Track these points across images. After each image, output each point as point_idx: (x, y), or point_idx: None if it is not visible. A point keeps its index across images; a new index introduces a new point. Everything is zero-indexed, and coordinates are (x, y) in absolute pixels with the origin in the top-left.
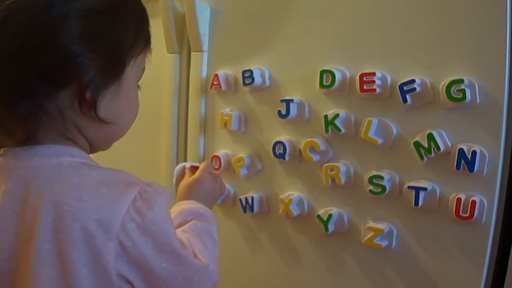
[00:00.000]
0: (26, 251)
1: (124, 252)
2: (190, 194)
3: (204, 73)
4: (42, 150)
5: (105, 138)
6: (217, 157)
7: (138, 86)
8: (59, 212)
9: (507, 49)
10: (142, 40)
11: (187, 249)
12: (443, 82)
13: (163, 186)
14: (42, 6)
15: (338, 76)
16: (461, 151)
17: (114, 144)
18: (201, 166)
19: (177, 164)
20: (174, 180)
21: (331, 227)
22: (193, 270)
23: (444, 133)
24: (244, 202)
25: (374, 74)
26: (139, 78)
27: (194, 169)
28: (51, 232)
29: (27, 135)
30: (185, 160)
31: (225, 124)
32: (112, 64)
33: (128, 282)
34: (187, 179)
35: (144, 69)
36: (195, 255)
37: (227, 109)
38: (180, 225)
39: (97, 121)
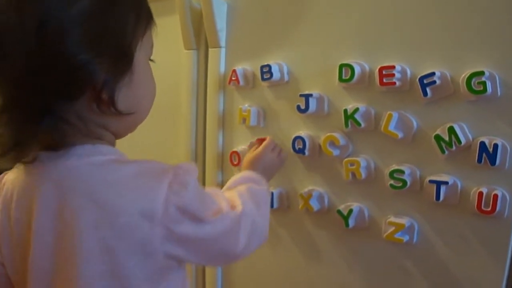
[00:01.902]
0: (68, 250)
1: (170, 235)
2: (250, 166)
3: (222, 69)
4: (74, 152)
5: (128, 126)
6: (236, 153)
7: (151, 60)
8: (101, 211)
9: None
10: (144, 20)
11: (222, 204)
12: (463, 75)
13: (190, 163)
14: (35, 22)
15: (357, 70)
16: (482, 144)
17: (133, 140)
18: (264, 142)
19: (196, 161)
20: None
21: (351, 222)
22: (230, 223)
23: (465, 126)
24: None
25: (393, 67)
26: (150, 55)
27: (260, 141)
28: (95, 230)
29: (55, 143)
30: (204, 156)
31: (244, 120)
32: (120, 59)
33: (174, 258)
34: (251, 153)
35: (152, 44)
36: (232, 204)
37: (246, 105)
38: (234, 187)
39: (118, 115)
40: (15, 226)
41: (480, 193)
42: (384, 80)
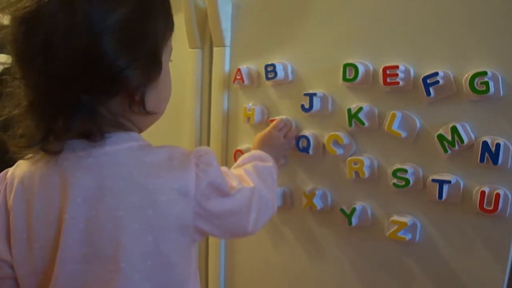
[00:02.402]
0: (112, 233)
1: (201, 209)
2: (257, 145)
3: (227, 68)
4: (110, 139)
5: (149, 123)
6: (240, 151)
7: (170, 60)
8: (143, 191)
9: None
10: (170, 26)
11: (243, 183)
12: (466, 75)
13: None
14: (84, 26)
15: (361, 69)
16: (485, 143)
17: None
18: (272, 123)
19: None
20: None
21: (354, 221)
22: (247, 194)
23: (467, 126)
24: None
25: (397, 67)
26: (170, 57)
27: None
28: (138, 210)
29: (88, 132)
30: None
31: (248, 119)
32: (152, 65)
33: (201, 232)
34: (261, 133)
35: (172, 49)
36: (244, 181)
37: (250, 104)
38: (242, 165)
39: (144, 114)
40: (37, 216)
41: (482, 192)
42: (388, 80)
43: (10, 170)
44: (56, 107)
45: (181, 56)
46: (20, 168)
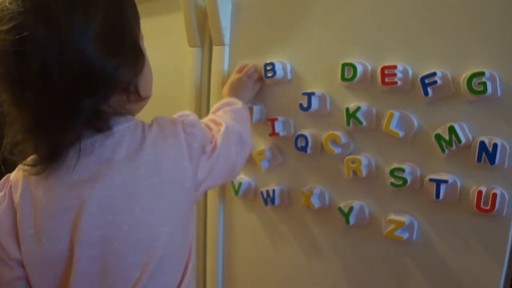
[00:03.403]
0: (124, 208)
1: (198, 168)
2: (230, 92)
3: (226, 67)
4: (114, 125)
5: (141, 107)
6: None
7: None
8: (148, 162)
9: None
10: (137, 15)
11: (218, 126)
12: (464, 75)
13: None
14: (70, 42)
15: (359, 69)
16: (482, 143)
17: None
18: (243, 70)
19: None
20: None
21: (352, 220)
22: (225, 141)
23: (465, 126)
24: (265, 195)
25: (395, 67)
26: (143, 42)
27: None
28: (146, 180)
29: (94, 127)
30: None
31: None
32: (138, 57)
33: (201, 189)
34: (231, 79)
35: (142, 33)
36: (216, 123)
37: (249, 102)
38: (216, 111)
39: (140, 101)
40: (44, 211)
41: (479, 192)
42: (386, 80)
43: (12, 174)
44: (62, 120)
45: (180, 55)
46: (19, 171)
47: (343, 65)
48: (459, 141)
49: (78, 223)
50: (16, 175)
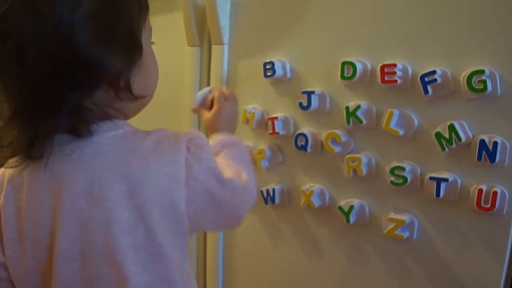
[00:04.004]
0: (104, 225)
1: (194, 195)
2: (216, 126)
3: (225, 66)
4: (95, 130)
5: (138, 108)
6: None
7: (152, 43)
8: (131, 179)
9: None
10: (143, 5)
11: (233, 174)
12: (464, 73)
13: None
14: (50, 26)
15: (359, 67)
16: (482, 142)
17: None
18: (215, 96)
19: None
20: (194, 106)
21: (352, 219)
22: (243, 188)
23: (465, 124)
24: (265, 194)
25: (395, 65)
26: (151, 37)
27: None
28: (127, 200)
29: (74, 127)
30: None
31: (247, 121)
32: (132, 48)
33: (195, 220)
34: (209, 113)
35: (151, 28)
36: (239, 177)
37: (251, 106)
38: (217, 155)
39: (133, 100)
40: (28, 217)
41: (480, 190)
42: (386, 78)
43: (1, 171)
44: (40, 110)
45: (179, 54)
46: (8, 171)
47: (343, 64)
48: (459, 139)
49: (55, 235)
50: (3, 172)
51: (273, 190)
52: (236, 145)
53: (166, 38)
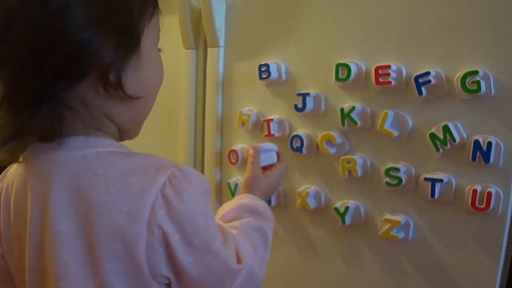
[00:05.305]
0: (55, 247)
1: (156, 243)
2: (252, 187)
3: (221, 68)
4: (65, 143)
5: (134, 117)
6: (234, 151)
7: (159, 49)
8: (87, 207)
9: None
10: (150, 4)
11: (226, 246)
12: (458, 74)
13: (199, 172)
14: (38, 4)
15: (353, 69)
16: (476, 142)
17: (131, 140)
18: (276, 164)
19: (194, 160)
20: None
21: (348, 220)
22: (225, 270)
23: (459, 125)
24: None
25: (389, 66)
26: (157, 41)
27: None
28: (81, 227)
29: (51, 132)
30: (203, 155)
31: (243, 123)
32: (127, 40)
33: (164, 277)
34: (250, 171)
35: (159, 30)
36: (237, 255)
37: (246, 109)
38: (234, 219)
39: (125, 99)
40: (14, 221)
41: (474, 191)
42: (380, 80)
43: (4, 171)
44: (23, 99)
45: (175, 57)
46: (11, 170)
47: (337, 66)
48: (454, 140)
49: (24, 248)
50: (6, 172)
51: None
52: (264, 218)
53: (162, 41)
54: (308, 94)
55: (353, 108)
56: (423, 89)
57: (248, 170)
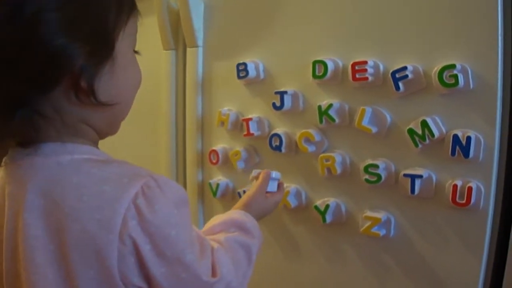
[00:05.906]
0: (29, 252)
1: (127, 253)
2: (250, 206)
3: (200, 68)
4: (41, 150)
5: (111, 120)
6: (214, 151)
7: (136, 52)
8: (60, 213)
9: (499, 33)
10: (126, 7)
11: (200, 258)
12: (435, 68)
13: (175, 183)
14: (9, 12)
15: (330, 66)
16: (455, 137)
17: (113, 141)
18: (275, 193)
19: (177, 161)
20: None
21: (328, 218)
22: (196, 282)
23: (438, 120)
24: (242, 195)
25: (366, 62)
26: (134, 44)
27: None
28: (54, 232)
29: (27, 138)
30: (185, 156)
31: (222, 123)
32: (100, 46)
33: (136, 286)
34: (256, 191)
35: (136, 33)
36: (213, 268)
37: (226, 108)
38: (221, 232)
39: (99, 106)
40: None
41: (455, 186)
42: (357, 76)
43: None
44: None
45: (155, 58)
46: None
47: (314, 63)
48: (432, 135)
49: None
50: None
51: None
52: (251, 235)
53: (141, 43)
54: (286, 92)
55: (330, 105)
56: (400, 84)
57: (254, 189)
